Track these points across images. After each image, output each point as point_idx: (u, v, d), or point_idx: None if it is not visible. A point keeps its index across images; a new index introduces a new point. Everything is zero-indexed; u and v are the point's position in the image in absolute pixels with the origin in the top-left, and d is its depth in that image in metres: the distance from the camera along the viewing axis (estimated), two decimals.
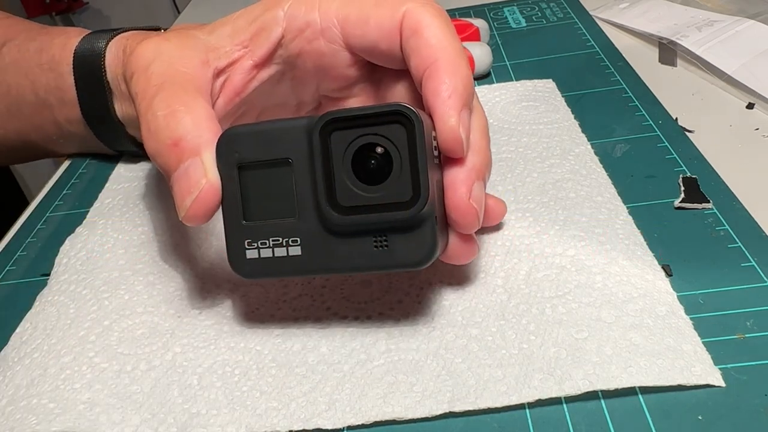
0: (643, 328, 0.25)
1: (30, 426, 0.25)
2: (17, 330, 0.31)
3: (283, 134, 0.25)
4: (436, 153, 0.25)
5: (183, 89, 0.27)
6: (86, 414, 0.26)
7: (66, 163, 0.46)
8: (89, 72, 0.39)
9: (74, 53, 0.40)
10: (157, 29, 0.41)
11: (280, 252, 0.26)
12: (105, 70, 0.38)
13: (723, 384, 0.23)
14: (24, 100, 0.42)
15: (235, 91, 0.30)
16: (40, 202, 0.42)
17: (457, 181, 0.26)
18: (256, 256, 0.26)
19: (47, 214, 0.40)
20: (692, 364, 0.24)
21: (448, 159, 0.26)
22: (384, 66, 0.30)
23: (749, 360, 0.24)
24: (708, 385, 0.23)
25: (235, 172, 0.26)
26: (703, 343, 0.24)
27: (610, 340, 0.25)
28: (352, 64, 0.30)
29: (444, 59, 0.26)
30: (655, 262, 0.28)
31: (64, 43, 0.41)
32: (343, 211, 0.25)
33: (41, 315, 0.31)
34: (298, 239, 0.25)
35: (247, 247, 0.26)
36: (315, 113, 0.33)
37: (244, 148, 0.25)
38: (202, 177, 0.25)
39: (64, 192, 0.42)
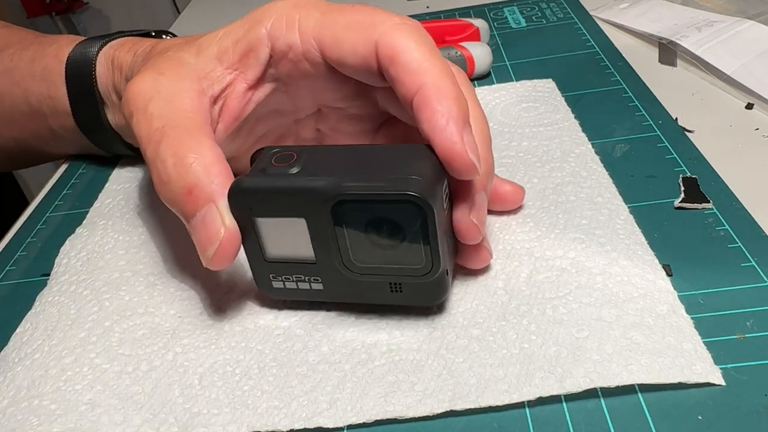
0: (644, 327, 0.25)
1: (32, 427, 0.25)
2: (17, 330, 0.31)
3: (294, 197, 0.25)
4: (446, 192, 0.26)
5: (187, 132, 0.27)
6: (87, 415, 0.26)
7: (66, 164, 0.46)
8: (81, 83, 0.39)
9: (66, 63, 0.39)
10: (147, 34, 0.41)
11: (304, 286, 0.28)
12: (96, 81, 0.38)
13: (723, 383, 0.23)
14: (17, 108, 0.42)
15: (233, 116, 0.30)
16: (40, 202, 0.42)
17: (460, 198, 0.26)
18: (282, 287, 0.28)
19: (47, 215, 0.40)
20: (693, 362, 0.24)
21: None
22: (374, 85, 0.29)
23: (749, 360, 0.24)
24: (708, 384, 0.23)
25: (250, 220, 0.26)
26: (703, 342, 0.24)
27: (611, 339, 0.25)
28: (345, 81, 0.29)
29: (429, 83, 0.25)
30: (656, 261, 0.28)
31: (56, 52, 0.41)
32: (358, 269, 0.26)
33: (42, 315, 0.31)
34: (320, 278, 0.27)
35: (272, 279, 0.28)
36: (313, 119, 0.33)
37: (257, 205, 0.26)
38: (220, 226, 0.26)
39: (64, 192, 0.42)
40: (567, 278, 0.28)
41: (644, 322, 0.25)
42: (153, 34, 0.42)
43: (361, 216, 0.25)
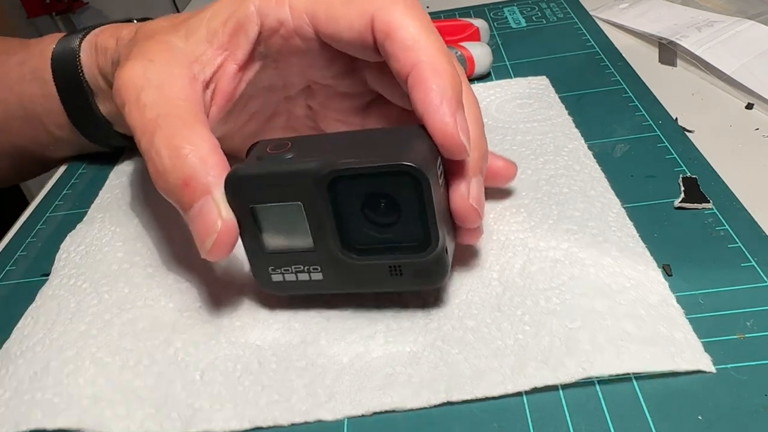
0: (636, 317, 0.25)
1: (36, 420, 0.25)
2: (19, 324, 0.31)
3: (290, 180, 0.25)
4: (440, 171, 0.26)
5: (181, 122, 0.27)
6: (91, 409, 0.26)
7: (66, 164, 0.46)
8: (68, 75, 0.39)
9: (51, 58, 0.39)
10: (129, 20, 0.41)
11: (303, 277, 0.27)
12: (82, 70, 0.38)
13: (713, 369, 0.23)
14: (13, 114, 0.42)
15: (225, 98, 0.30)
16: (40, 203, 0.42)
17: (456, 182, 0.26)
18: (281, 280, 0.28)
19: (47, 214, 0.40)
20: (683, 350, 0.24)
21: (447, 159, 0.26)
22: (369, 60, 0.29)
23: (749, 360, 0.24)
24: (708, 383, 0.23)
25: (247, 209, 0.26)
26: (702, 343, 0.24)
27: (603, 329, 0.25)
28: (336, 57, 0.29)
29: (424, 61, 0.25)
30: (647, 253, 0.29)
31: (42, 51, 0.40)
32: (356, 252, 0.26)
33: (42, 309, 0.31)
34: (319, 267, 0.27)
35: (271, 272, 0.28)
36: (303, 96, 0.33)
37: (253, 193, 0.26)
38: (216, 217, 0.26)
39: (64, 192, 0.42)
40: (560, 269, 0.28)
41: (636, 313, 0.26)
42: (135, 21, 0.42)
43: (357, 192, 0.25)
